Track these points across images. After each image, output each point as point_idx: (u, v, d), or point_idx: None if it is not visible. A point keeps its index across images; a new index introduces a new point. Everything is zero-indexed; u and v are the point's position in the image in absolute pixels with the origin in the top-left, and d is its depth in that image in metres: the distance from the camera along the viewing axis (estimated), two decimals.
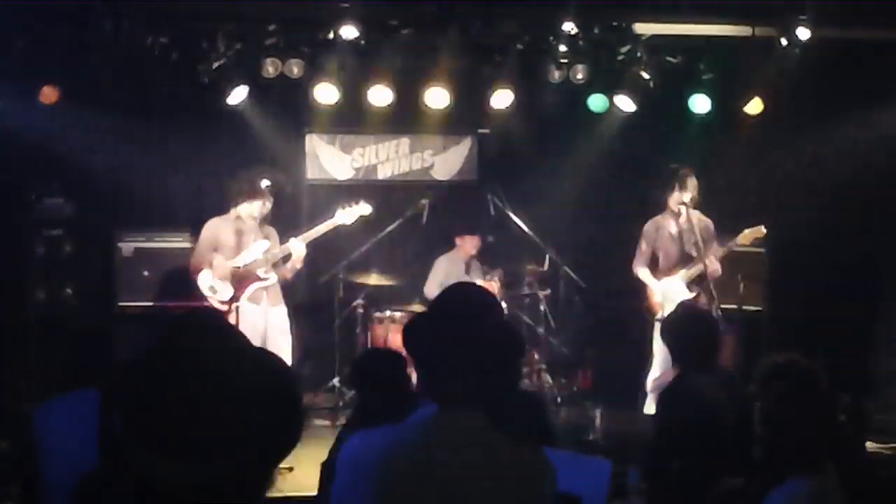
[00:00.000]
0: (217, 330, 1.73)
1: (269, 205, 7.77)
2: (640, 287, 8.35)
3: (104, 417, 1.68)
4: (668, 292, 8.07)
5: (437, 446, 2.49)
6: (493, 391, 2.61)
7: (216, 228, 7.78)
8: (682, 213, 7.98)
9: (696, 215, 8.03)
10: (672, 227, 8.11)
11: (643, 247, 8.31)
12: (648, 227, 8.28)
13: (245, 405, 1.64)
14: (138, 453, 1.59)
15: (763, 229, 8.07)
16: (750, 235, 8.07)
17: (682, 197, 7.93)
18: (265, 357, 1.79)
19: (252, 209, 7.71)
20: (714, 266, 7.87)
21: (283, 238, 7.85)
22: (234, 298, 7.59)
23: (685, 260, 8.06)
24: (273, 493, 1.83)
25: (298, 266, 7.88)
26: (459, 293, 2.80)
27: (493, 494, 2.48)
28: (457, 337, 2.56)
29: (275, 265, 7.82)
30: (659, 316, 8.14)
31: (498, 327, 2.66)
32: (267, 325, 7.70)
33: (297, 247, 7.74)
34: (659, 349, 8.06)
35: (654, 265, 8.30)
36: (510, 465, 2.53)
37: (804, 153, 9.07)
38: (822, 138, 9.02)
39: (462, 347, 2.54)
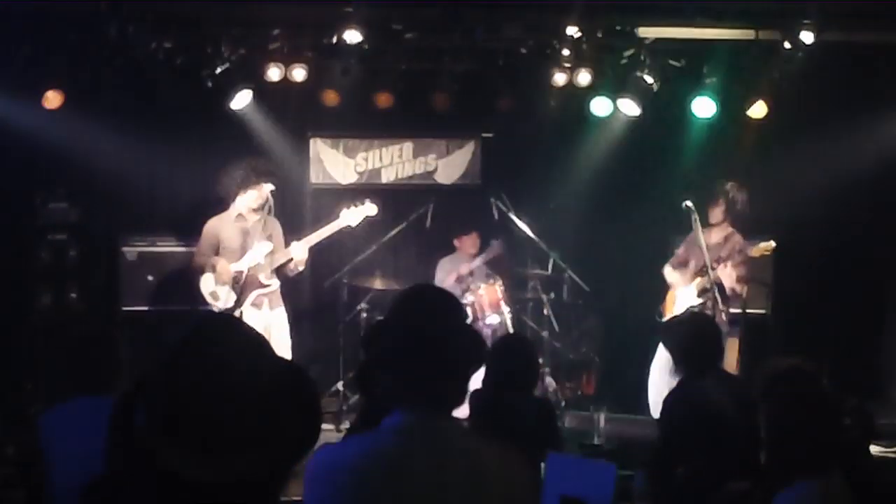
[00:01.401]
0: (239, 331, 1.76)
1: (265, 192, 7.62)
2: (662, 289, 8.39)
3: (118, 415, 1.69)
4: (680, 298, 8.10)
5: (412, 453, 2.40)
6: (460, 393, 2.53)
7: (217, 228, 7.73)
8: (718, 226, 7.99)
9: (737, 236, 8.03)
10: (708, 238, 8.07)
11: (680, 251, 8.34)
12: (690, 235, 8.23)
13: (269, 405, 1.67)
14: (164, 451, 1.61)
15: (773, 244, 8.06)
16: (761, 250, 8.04)
17: (717, 210, 7.99)
18: (283, 359, 1.83)
19: (249, 200, 7.65)
20: (726, 274, 7.81)
21: (287, 240, 7.83)
22: (237, 305, 7.53)
23: (705, 270, 8.03)
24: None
25: (301, 268, 7.84)
26: (420, 295, 2.71)
27: (476, 498, 2.41)
28: (424, 338, 2.48)
29: (278, 268, 7.78)
30: (665, 319, 8.16)
31: (462, 328, 2.58)
32: (268, 328, 7.68)
33: (299, 251, 7.68)
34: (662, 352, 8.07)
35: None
36: (492, 467, 2.45)
37: (809, 157, 9.06)
38: (827, 141, 9.01)
39: (430, 350, 2.46)
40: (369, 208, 7.92)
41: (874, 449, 6.35)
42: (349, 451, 2.46)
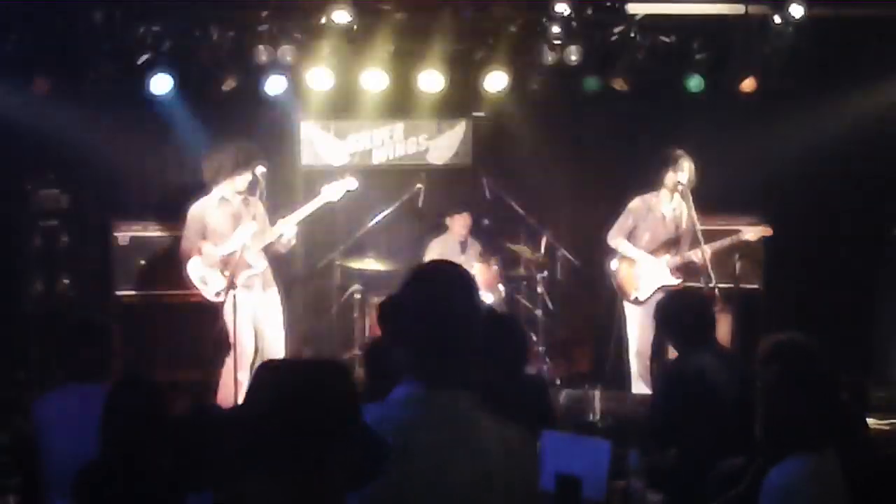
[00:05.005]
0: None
1: (257, 175, 7.45)
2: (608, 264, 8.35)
3: (108, 411, 1.70)
4: (650, 273, 8.05)
5: (422, 424, 2.45)
6: (480, 370, 2.58)
7: (201, 212, 7.62)
8: (677, 195, 7.94)
9: (690, 204, 7.97)
10: (666, 209, 8.04)
11: (628, 222, 8.16)
12: (638, 203, 8.13)
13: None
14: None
15: (770, 230, 8.04)
16: (758, 233, 8.02)
17: (678, 177, 7.88)
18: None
19: (237, 184, 7.53)
20: (707, 255, 7.78)
21: (272, 219, 7.74)
22: (226, 289, 7.42)
23: (671, 244, 8.00)
24: None
25: (293, 242, 7.71)
26: (440, 268, 2.76)
27: (479, 473, 2.43)
28: (440, 313, 2.51)
29: (265, 249, 7.71)
30: (634, 297, 8.13)
31: (477, 305, 2.62)
32: (260, 308, 7.63)
33: (287, 229, 7.59)
34: (635, 329, 8.07)
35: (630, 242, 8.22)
36: (497, 444, 2.49)
37: (799, 131, 9.05)
38: (818, 116, 9.00)
39: (445, 324, 2.50)
40: (349, 182, 7.77)
41: (868, 422, 6.39)
42: None
